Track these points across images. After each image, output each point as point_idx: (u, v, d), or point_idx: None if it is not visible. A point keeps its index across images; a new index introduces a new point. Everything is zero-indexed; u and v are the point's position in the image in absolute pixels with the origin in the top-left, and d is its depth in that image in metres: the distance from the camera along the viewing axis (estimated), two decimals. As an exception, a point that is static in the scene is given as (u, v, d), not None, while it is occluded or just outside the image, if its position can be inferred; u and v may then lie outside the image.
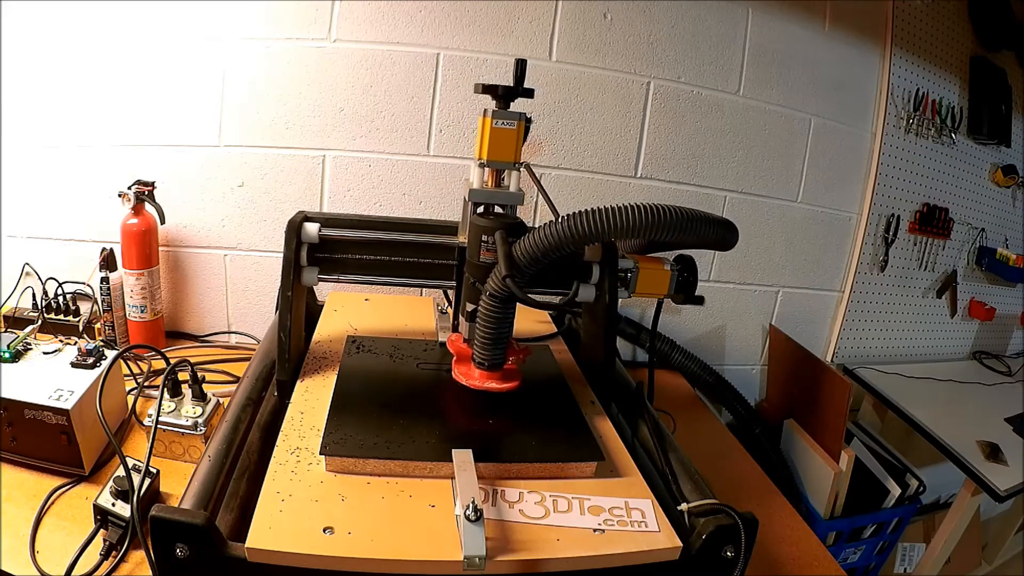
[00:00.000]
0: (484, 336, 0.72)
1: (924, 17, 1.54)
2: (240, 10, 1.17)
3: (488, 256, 0.72)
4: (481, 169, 0.74)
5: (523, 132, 0.73)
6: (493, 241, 0.70)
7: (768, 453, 1.39)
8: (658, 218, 0.64)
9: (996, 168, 1.75)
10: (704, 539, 0.62)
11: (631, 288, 0.91)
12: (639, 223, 0.64)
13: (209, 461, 0.67)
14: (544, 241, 0.66)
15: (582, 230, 0.64)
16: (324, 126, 1.24)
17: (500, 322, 0.71)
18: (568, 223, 0.65)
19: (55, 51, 1.16)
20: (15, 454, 0.82)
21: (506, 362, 0.76)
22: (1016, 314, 2.01)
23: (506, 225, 0.71)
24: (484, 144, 0.72)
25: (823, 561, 0.91)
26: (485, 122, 0.72)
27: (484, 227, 0.72)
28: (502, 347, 0.74)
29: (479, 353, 0.74)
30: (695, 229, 0.67)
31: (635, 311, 1.50)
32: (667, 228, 0.65)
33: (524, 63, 0.72)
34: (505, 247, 0.68)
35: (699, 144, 1.42)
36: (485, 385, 0.75)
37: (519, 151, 0.73)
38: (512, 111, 0.72)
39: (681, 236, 0.66)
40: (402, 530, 0.59)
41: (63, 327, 1.15)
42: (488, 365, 0.75)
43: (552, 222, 0.66)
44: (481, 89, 0.73)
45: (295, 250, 0.81)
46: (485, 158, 0.72)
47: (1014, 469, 1.33)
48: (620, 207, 0.64)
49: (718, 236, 0.71)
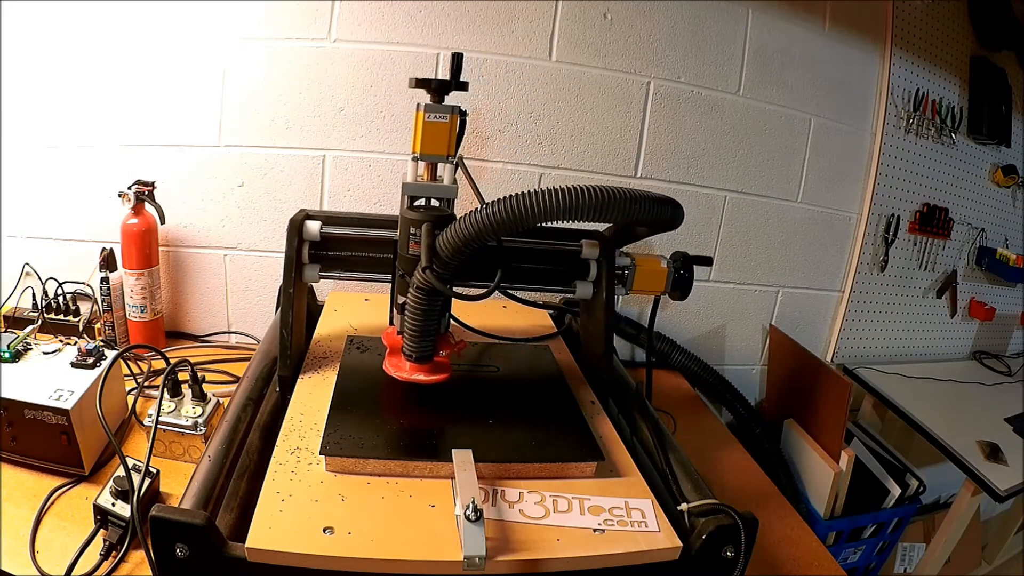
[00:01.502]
0: (412, 328, 0.72)
1: (924, 17, 1.54)
2: (240, 10, 1.17)
3: (416, 248, 0.71)
4: (415, 163, 0.74)
5: (457, 126, 0.73)
6: (420, 233, 0.70)
7: (768, 453, 1.38)
8: (580, 200, 0.62)
9: (996, 168, 1.75)
10: (704, 539, 0.62)
11: (628, 285, 0.92)
12: (561, 206, 0.62)
13: (209, 461, 0.67)
14: (464, 231, 0.65)
15: (500, 217, 0.63)
16: (324, 126, 1.24)
17: (427, 314, 0.71)
18: (486, 211, 0.63)
19: (55, 51, 1.16)
20: (15, 454, 0.82)
21: (436, 354, 0.76)
22: (1016, 314, 2.01)
23: (434, 218, 0.71)
24: (417, 138, 0.72)
25: (823, 561, 0.91)
26: (418, 116, 0.71)
27: (412, 220, 0.72)
28: (430, 339, 0.74)
29: (407, 345, 0.74)
30: (621, 208, 0.63)
31: (634, 310, 1.50)
32: (589, 209, 0.62)
33: (460, 56, 0.72)
34: (428, 239, 0.68)
35: (699, 144, 1.42)
36: (413, 377, 0.75)
37: (452, 144, 0.73)
38: (445, 105, 0.71)
39: (607, 216, 0.64)
40: (402, 530, 0.59)
41: (63, 327, 1.15)
42: (416, 357, 0.74)
43: (472, 211, 0.65)
44: (415, 83, 0.72)
45: (297, 247, 0.82)
46: (419, 152, 0.72)
47: (1014, 469, 1.33)
48: (540, 191, 0.62)
49: (652, 214, 0.67)
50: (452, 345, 0.78)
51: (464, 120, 0.74)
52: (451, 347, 0.78)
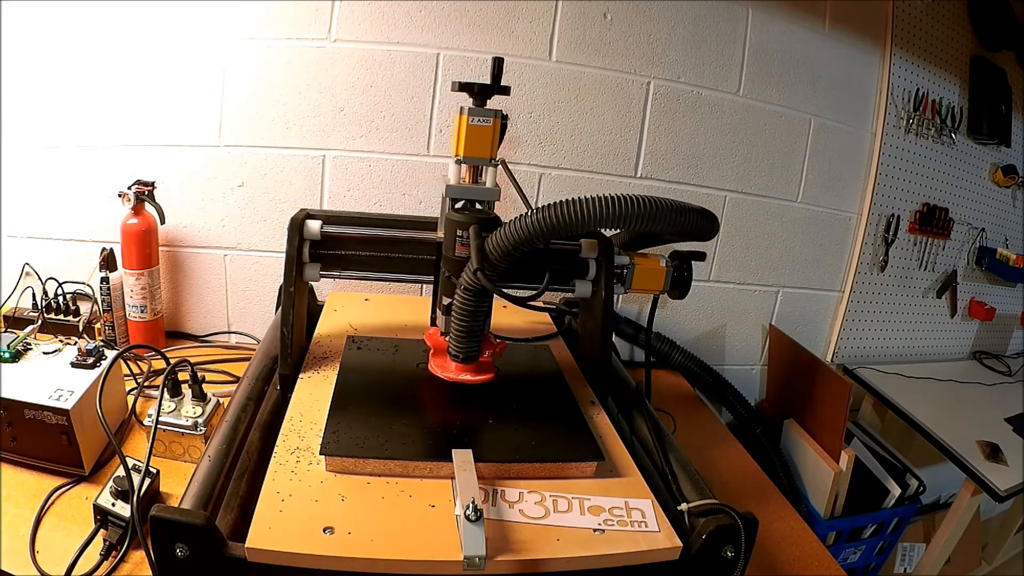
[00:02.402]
0: (459, 329, 0.74)
1: (924, 17, 1.54)
2: (240, 10, 1.17)
3: (462, 251, 0.73)
4: (458, 166, 0.74)
5: (499, 129, 0.73)
6: (467, 236, 0.71)
7: (768, 453, 1.38)
8: (629, 208, 0.63)
9: (996, 168, 1.75)
10: (704, 539, 0.62)
11: (627, 284, 0.92)
12: (610, 214, 0.63)
13: (209, 461, 0.67)
14: (516, 234, 0.66)
15: (552, 222, 0.64)
16: (324, 126, 1.24)
17: (474, 315, 0.72)
18: (538, 216, 0.65)
19: (55, 51, 1.16)
20: (15, 454, 0.82)
21: (481, 355, 0.77)
22: (1016, 314, 2.01)
23: (480, 220, 0.72)
24: (460, 141, 0.73)
25: (823, 561, 0.91)
26: (461, 119, 0.72)
27: (459, 222, 0.73)
28: (476, 340, 0.75)
29: (454, 346, 0.76)
30: (668, 219, 0.66)
31: (633, 309, 1.50)
32: (638, 218, 0.64)
33: (501, 61, 0.73)
34: (478, 241, 0.69)
35: (699, 144, 1.42)
36: (460, 377, 0.76)
37: (495, 148, 0.74)
38: (488, 108, 0.72)
39: (654, 226, 0.66)
40: (402, 530, 0.59)
41: (63, 327, 1.15)
42: (463, 358, 0.76)
43: (523, 215, 0.66)
44: (458, 87, 0.73)
45: (297, 246, 0.82)
46: (462, 155, 0.73)
47: (1014, 469, 1.33)
48: (591, 198, 0.64)
49: (695, 225, 0.70)
50: (493, 345, 0.79)
51: (505, 123, 0.75)
52: (493, 347, 0.79)
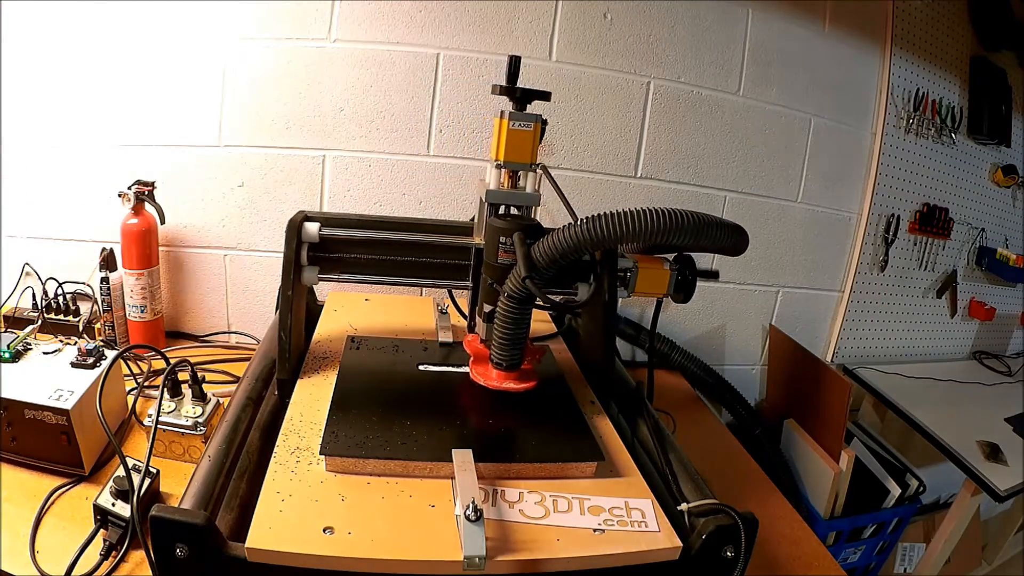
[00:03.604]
0: (502, 337, 0.73)
1: (924, 17, 1.54)
2: (240, 10, 1.17)
3: (505, 257, 0.72)
4: (498, 170, 0.74)
5: (539, 133, 0.73)
6: (510, 242, 0.71)
7: (768, 453, 1.38)
8: (675, 223, 0.64)
9: (996, 168, 1.75)
10: (704, 539, 0.62)
11: (630, 288, 0.91)
12: (658, 227, 0.64)
13: (209, 461, 0.67)
14: (564, 243, 0.67)
15: (601, 233, 0.65)
16: (324, 126, 1.24)
17: (518, 323, 0.72)
18: (587, 226, 0.65)
19: (55, 51, 1.16)
20: (15, 454, 0.82)
21: (523, 362, 0.77)
22: (1016, 314, 2.01)
23: (523, 227, 0.71)
24: (501, 145, 0.72)
25: (823, 561, 0.91)
26: (502, 124, 0.72)
27: (502, 228, 0.72)
28: (520, 347, 0.75)
29: (497, 354, 0.75)
30: (711, 234, 0.67)
31: (634, 311, 1.50)
32: (684, 233, 0.65)
33: (518, 60, 0.73)
34: (524, 248, 0.69)
35: (699, 144, 1.42)
36: (503, 385, 0.76)
37: (535, 152, 0.73)
38: (528, 113, 0.72)
39: (697, 241, 0.67)
40: (402, 530, 0.59)
41: (63, 327, 1.15)
42: (507, 366, 0.75)
43: (571, 224, 0.67)
44: (499, 90, 0.73)
45: (295, 249, 0.82)
46: (502, 159, 0.73)
47: (1014, 469, 1.33)
48: (639, 211, 0.65)
49: (732, 242, 0.72)
50: (532, 352, 0.79)
51: (544, 128, 0.74)
52: (531, 353, 0.79)
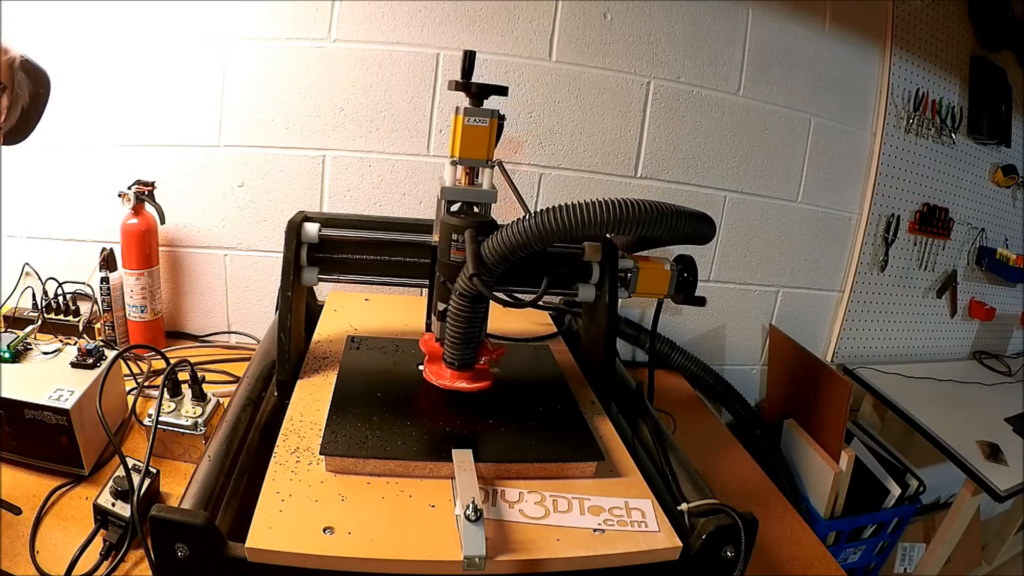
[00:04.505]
0: (455, 336, 0.72)
1: (924, 17, 1.54)
2: (240, 10, 1.17)
3: (458, 255, 0.71)
4: (454, 167, 0.73)
5: (496, 129, 0.72)
6: (463, 239, 0.69)
7: (768, 453, 1.38)
8: (625, 213, 0.63)
9: (996, 168, 1.75)
10: (704, 539, 0.62)
11: (631, 288, 0.91)
12: (608, 219, 0.63)
13: (209, 461, 0.67)
14: (512, 239, 0.65)
15: (549, 227, 0.63)
16: (324, 126, 1.24)
17: (470, 321, 0.71)
18: (535, 220, 0.64)
19: (55, 51, 1.16)
20: (15, 454, 0.82)
21: (478, 362, 0.76)
22: (1016, 314, 2.01)
23: (477, 224, 0.70)
24: (456, 142, 0.71)
25: (823, 561, 0.91)
26: (457, 120, 0.71)
27: (454, 226, 0.71)
28: (472, 346, 0.74)
29: (449, 352, 0.74)
30: (665, 223, 0.65)
31: (635, 311, 1.50)
32: (636, 223, 0.63)
33: (473, 55, 0.72)
34: (473, 246, 0.67)
35: (699, 144, 1.42)
36: (455, 385, 0.74)
37: (492, 149, 0.72)
38: (485, 108, 0.71)
39: (651, 231, 0.65)
40: (402, 530, 0.59)
41: (63, 327, 1.15)
42: (458, 365, 0.74)
43: (520, 219, 0.65)
44: (454, 86, 0.72)
45: (295, 250, 0.82)
46: (458, 156, 0.72)
47: (1014, 469, 1.33)
48: (587, 203, 0.63)
49: (691, 229, 0.69)
50: (491, 351, 0.78)
51: (502, 124, 0.73)
52: (490, 353, 0.77)
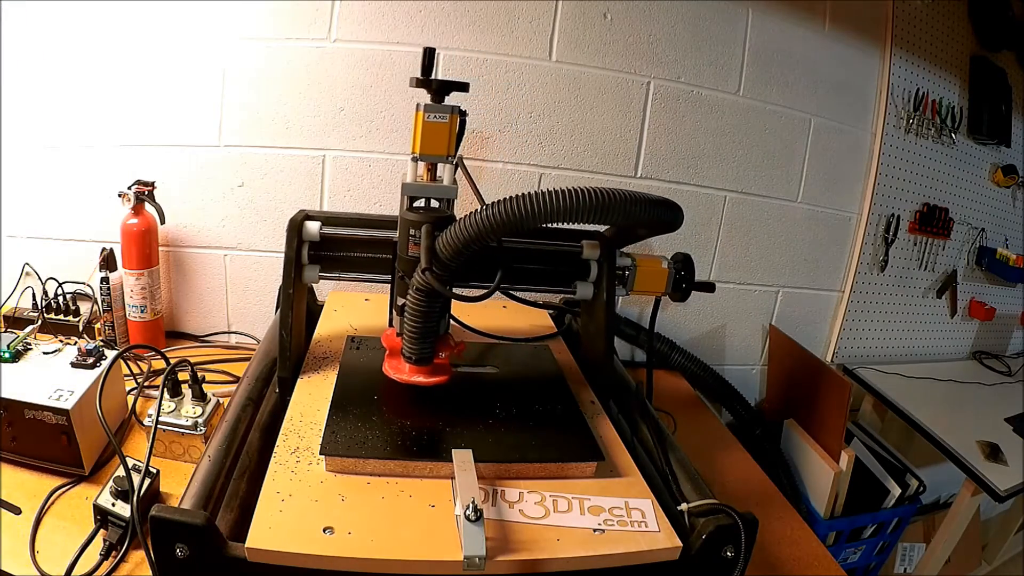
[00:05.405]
0: (411, 330, 0.72)
1: (924, 17, 1.54)
2: (240, 10, 1.17)
3: (415, 250, 0.71)
4: (415, 163, 0.73)
5: (457, 126, 0.73)
6: (419, 235, 0.70)
7: (768, 453, 1.38)
8: (581, 202, 0.62)
9: (996, 168, 1.75)
10: (704, 539, 0.62)
11: (629, 286, 0.92)
12: (561, 208, 0.62)
13: (209, 461, 0.67)
14: (464, 233, 0.65)
15: (501, 219, 0.63)
16: (324, 126, 1.24)
17: (426, 316, 0.71)
18: (486, 213, 0.63)
19: (55, 51, 1.16)
20: (15, 454, 0.82)
21: (436, 356, 0.76)
22: (1016, 314, 2.00)
23: (434, 219, 0.71)
24: (417, 138, 0.72)
25: (823, 561, 0.91)
26: (418, 116, 0.71)
27: (412, 221, 0.71)
28: (430, 341, 0.74)
29: (407, 347, 0.74)
30: (622, 211, 0.64)
31: (634, 311, 1.50)
32: (590, 212, 0.62)
33: (432, 51, 0.73)
34: (428, 240, 0.68)
35: (699, 144, 1.42)
36: (412, 380, 0.75)
37: (452, 145, 0.73)
38: (445, 105, 0.72)
39: (608, 219, 0.64)
40: (402, 530, 0.59)
41: (63, 327, 1.15)
42: (416, 359, 0.74)
43: (472, 213, 0.65)
44: (415, 82, 0.72)
45: (296, 248, 0.82)
46: (418, 152, 0.72)
47: (1014, 469, 1.33)
48: (540, 192, 0.62)
49: (652, 216, 0.68)
50: (452, 347, 0.78)
51: (464, 120, 0.74)
52: (451, 349, 0.78)
